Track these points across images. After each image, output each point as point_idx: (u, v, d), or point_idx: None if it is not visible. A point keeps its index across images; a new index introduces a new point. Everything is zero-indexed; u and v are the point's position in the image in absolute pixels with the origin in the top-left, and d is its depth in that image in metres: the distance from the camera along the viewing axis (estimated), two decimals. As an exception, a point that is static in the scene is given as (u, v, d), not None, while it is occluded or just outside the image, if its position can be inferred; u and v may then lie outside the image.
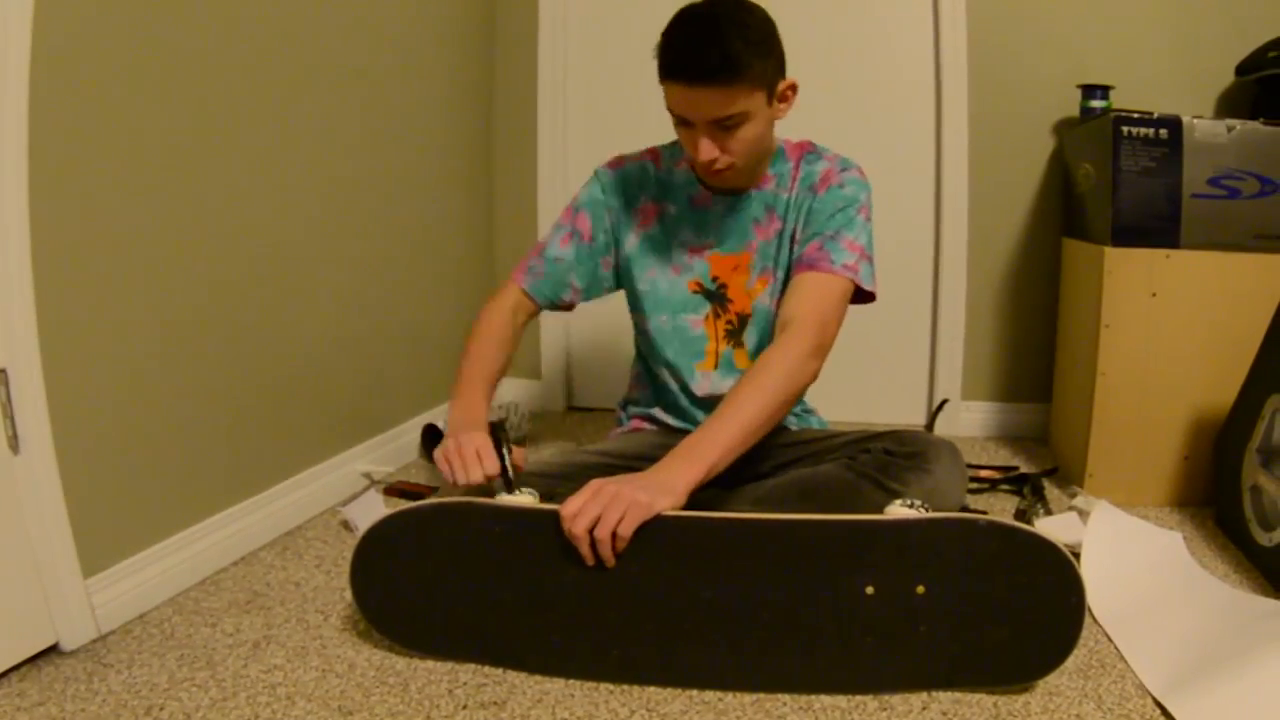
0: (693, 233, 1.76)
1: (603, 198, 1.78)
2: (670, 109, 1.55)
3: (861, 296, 1.66)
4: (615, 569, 1.29)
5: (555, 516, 1.29)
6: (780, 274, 1.74)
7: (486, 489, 1.43)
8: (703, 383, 1.79)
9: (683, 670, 1.32)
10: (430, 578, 1.35)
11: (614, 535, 1.26)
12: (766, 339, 1.74)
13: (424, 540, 1.34)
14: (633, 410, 1.94)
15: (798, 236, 1.70)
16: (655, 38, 1.52)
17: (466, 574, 1.34)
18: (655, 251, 1.78)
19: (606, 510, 1.26)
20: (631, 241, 1.79)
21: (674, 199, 1.77)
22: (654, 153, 1.81)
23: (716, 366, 1.78)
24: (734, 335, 1.77)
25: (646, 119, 2.85)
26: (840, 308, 1.61)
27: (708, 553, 1.29)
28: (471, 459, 1.40)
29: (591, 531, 1.26)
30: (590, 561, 1.28)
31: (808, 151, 1.75)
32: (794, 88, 1.61)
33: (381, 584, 1.37)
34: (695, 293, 1.76)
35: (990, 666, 1.28)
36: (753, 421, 1.43)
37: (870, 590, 1.26)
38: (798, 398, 1.56)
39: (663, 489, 1.31)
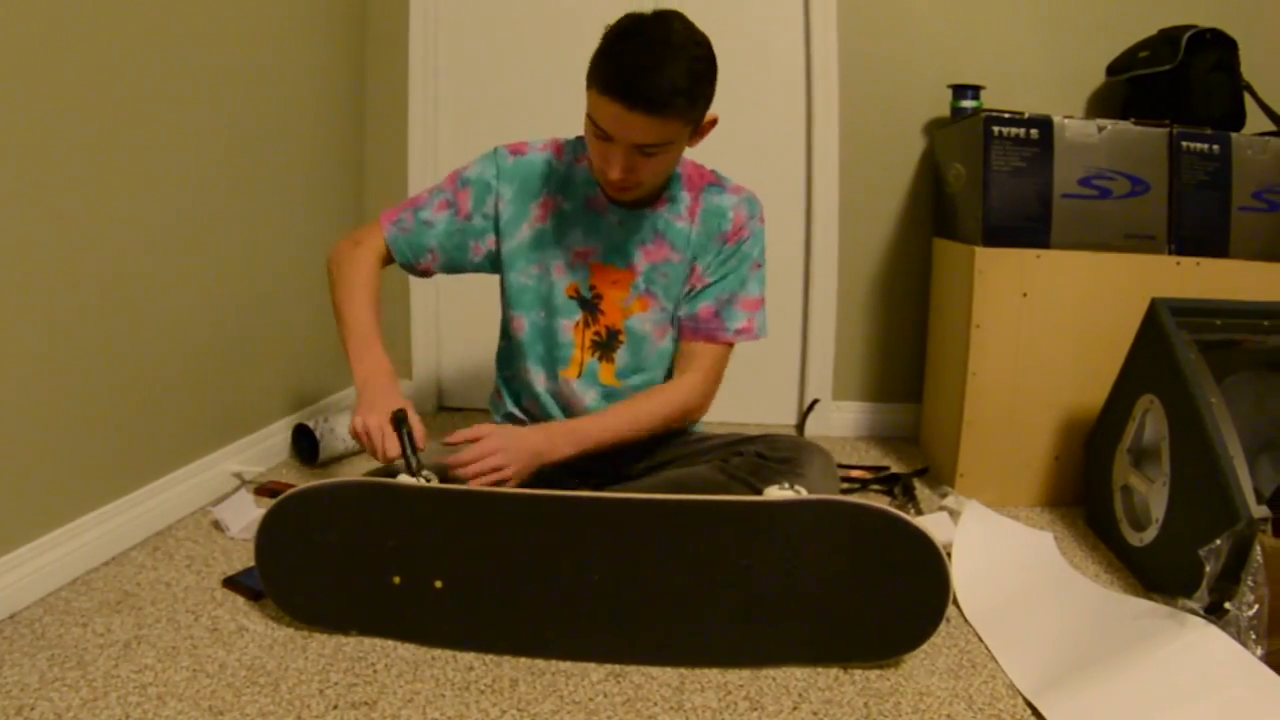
0: (582, 236, 1.69)
1: (494, 183, 1.69)
2: (592, 118, 1.47)
3: None
4: (503, 549, 1.36)
5: (451, 496, 1.37)
6: (665, 304, 1.72)
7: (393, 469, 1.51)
8: (564, 389, 1.75)
9: (568, 645, 1.37)
10: (329, 551, 1.39)
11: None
12: (641, 363, 1.75)
13: (327, 515, 1.39)
14: (501, 409, 1.90)
15: (697, 278, 1.72)
16: (526, 32, 1.43)
17: (362, 549, 1.39)
18: (542, 248, 1.71)
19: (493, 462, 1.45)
20: (521, 235, 1.71)
21: (570, 196, 1.69)
22: (557, 146, 1.72)
23: (580, 375, 1.74)
24: (601, 347, 1.73)
25: (517, 113, 2.82)
26: (724, 366, 1.78)
27: (592, 532, 1.34)
28: (379, 440, 1.44)
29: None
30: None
31: (710, 184, 1.72)
32: (714, 122, 1.58)
33: (283, 556, 1.41)
34: (571, 297, 1.71)
35: (861, 642, 1.34)
36: (638, 424, 1.63)
37: (749, 567, 1.31)
38: (679, 425, 1.75)
39: (551, 452, 1.53)
